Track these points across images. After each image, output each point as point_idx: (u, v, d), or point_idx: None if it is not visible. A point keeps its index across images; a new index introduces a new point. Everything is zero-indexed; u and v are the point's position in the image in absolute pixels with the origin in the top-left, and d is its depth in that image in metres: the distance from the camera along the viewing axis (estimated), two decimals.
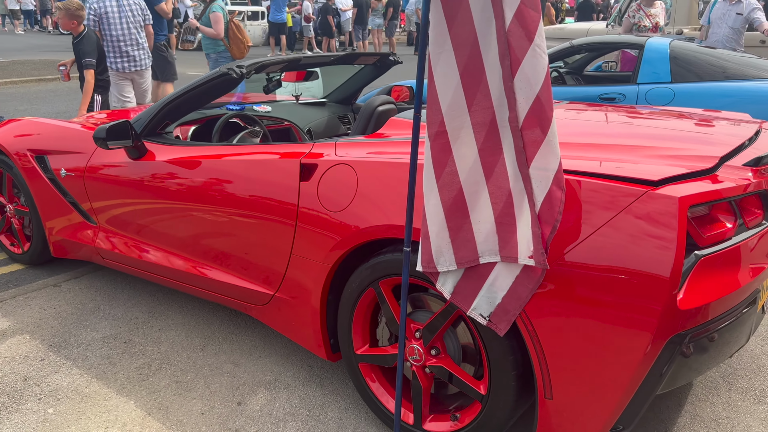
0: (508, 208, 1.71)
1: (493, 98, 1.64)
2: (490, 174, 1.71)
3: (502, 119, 1.65)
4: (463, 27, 1.60)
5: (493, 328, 1.84)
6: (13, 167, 3.52)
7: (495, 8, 1.57)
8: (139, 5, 5.56)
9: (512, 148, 1.66)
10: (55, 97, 9.32)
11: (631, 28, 6.63)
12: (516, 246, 1.73)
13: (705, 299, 1.76)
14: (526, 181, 1.66)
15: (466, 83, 1.64)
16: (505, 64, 1.60)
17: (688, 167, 1.87)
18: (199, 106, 2.99)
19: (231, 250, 2.65)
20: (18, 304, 3.30)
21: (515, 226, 1.72)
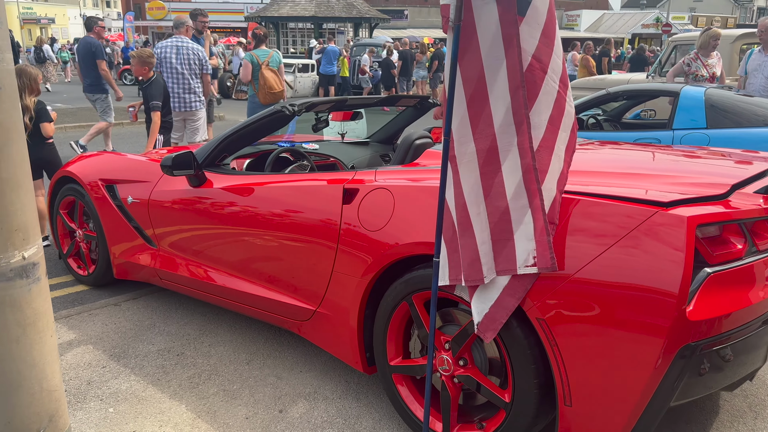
0: (505, 224, 1.92)
1: (495, 126, 1.87)
2: (488, 195, 1.93)
3: (506, 144, 1.87)
4: (471, 62, 1.84)
5: (480, 335, 2.03)
6: (85, 195, 3.89)
7: (508, 48, 1.80)
8: (197, 56, 6.15)
9: (519, 169, 1.87)
10: (119, 139, 9.97)
11: (681, 73, 6.74)
12: (513, 258, 1.92)
13: (715, 312, 1.89)
14: (536, 196, 1.87)
15: (471, 113, 1.88)
16: (519, 95, 1.82)
17: (699, 192, 2.02)
18: (254, 140, 3.29)
19: (278, 268, 2.88)
20: (83, 320, 3.60)
21: (512, 240, 1.92)
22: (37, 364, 1.65)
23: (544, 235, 1.90)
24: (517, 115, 1.84)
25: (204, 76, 6.28)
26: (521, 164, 1.88)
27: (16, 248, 1.56)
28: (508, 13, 1.81)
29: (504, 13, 1.81)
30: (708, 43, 6.55)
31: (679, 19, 41.21)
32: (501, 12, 1.81)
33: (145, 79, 5.49)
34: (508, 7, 1.81)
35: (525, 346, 2.06)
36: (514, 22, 1.81)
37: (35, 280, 1.63)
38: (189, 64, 6.08)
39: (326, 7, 23.04)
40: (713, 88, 5.21)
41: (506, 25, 1.82)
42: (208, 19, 7.18)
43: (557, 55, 1.87)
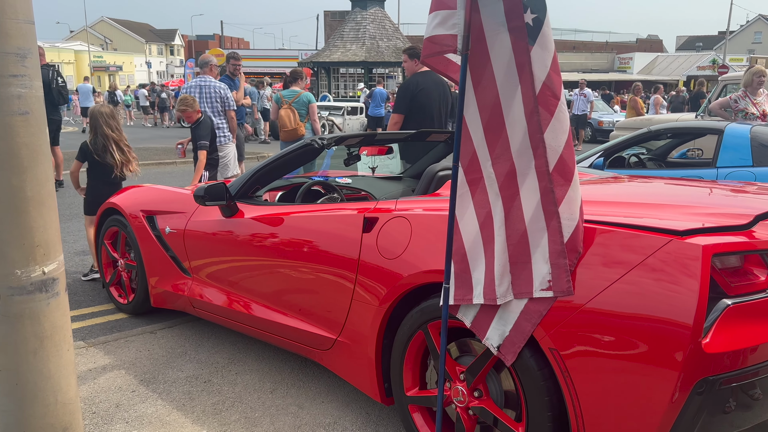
0: (523, 247, 1.93)
1: (513, 150, 1.90)
2: (508, 218, 1.95)
3: (524, 167, 1.90)
4: (486, 89, 1.90)
5: (501, 357, 2.03)
6: (127, 226, 4.06)
7: (522, 75, 1.84)
8: (219, 94, 6.42)
9: (536, 191, 1.89)
10: (170, 177, 10.38)
11: (727, 107, 6.60)
12: (530, 282, 1.93)
13: (735, 345, 1.81)
14: (553, 219, 1.88)
15: (489, 138, 1.93)
16: (534, 120, 1.86)
17: (720, 222, 1.97)
18: (285, 172, 3.39)
19: (302, 297, 2.93)
20: (119, 346, 3.71)
21: (530, 263, 1.93)
22: (53, 376, 1.72)
23: (561, 258, 1.90)
24: (533, 139, 1.88)
25: (228, 113, 6.51)
26: (539, 187, 1.91)
27: (36, 263, 1.66)
28: (520, 41, 1.87)
29: (516, 42, 1.87)
30: (752, 81, 6.40)
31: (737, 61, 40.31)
32: (513, 40, 1.87)
33: (192, 122, 5.77)
34: (520, 36, 1.86)
35: (539, 377, 2.02)
36: (525, 49, 1.86)
37: (54, 295, 1.71)
38: (211, 102, 6.35)
39: (376, 52, 23.63)
40: (759, 126, 5.07)
41: (519, 53, 1.88)
42: (241, 63, 7.48)
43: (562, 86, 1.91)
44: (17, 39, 1.55)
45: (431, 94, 5.32)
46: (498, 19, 1.85)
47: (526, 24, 1.82)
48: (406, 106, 5.25)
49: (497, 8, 1.85)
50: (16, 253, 1.62)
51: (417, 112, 5.27)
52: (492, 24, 1.87)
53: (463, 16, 1.85)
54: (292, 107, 7.13)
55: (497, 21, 1.86)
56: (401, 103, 5.29)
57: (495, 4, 1.84)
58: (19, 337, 1.66)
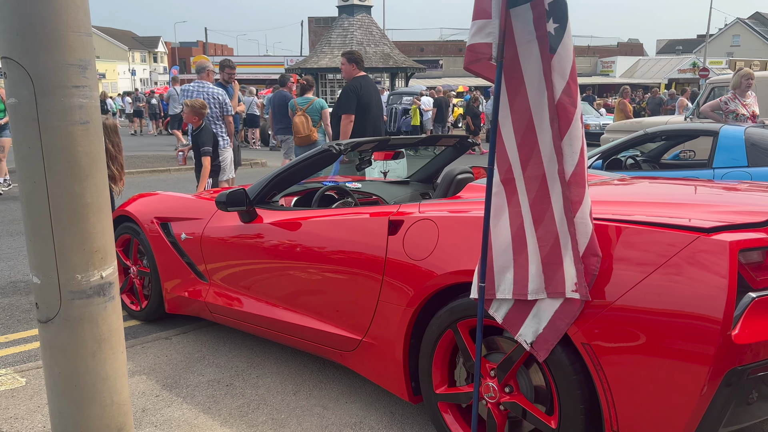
0: (556, 249, 2.03)
1: (543, 155, 2.01)
2: (541, 220, 2.04)
3: (552, 172, 2.01)
4: (520, 96, 2.00)
5: (534, 353, 2.12)
6: (140, 233, 4.09)
7: (546, 82, 1.95)
8: (217, 100, 6.52)
9: (560, 197, 1.99)
10: (165, 184, 10.37)
11: (718, 109, 6.77)
12: (563, 282, 2.03)
13: (761, 336, 1.90)
14: (571, 226, 1.99)
15: (521, 144, 2.03)
16: (555, 126, 1.97)
17: (740, 220, 2.06)
18: (303, 177, 3.45)
19: (324, 300, 2.98)
20: (135, 352, 3.74)
21: (561, 264, 2.02)
22: (110, 377, 1.77)
23: (578, 263, 2.01)
24: (555, 146, 1.98)
25: (226, 118, 6.63)
26: (562, 192, 2.01)
27: (95, 268, 1.71)
28: (545, 50, 1.96)
29: (543, 50, 1.97)
30: (741, 83, 6.58)
31: (716, 64, 41.03)
32: (541, 49, 1.96)
33: (195, 127, 5.80)
34: (545, 45, 1.96)
35: (571, 371, 2.10)
36: (548, 57, 1.96)
37: (110, 299, 1.76)
38: (210, 107, 6.44)
39: (364, 58, 23.75)
40: (752, 127, 5.22)
41: (545, 61, 1.97)
42: (235, 70, 7.65)
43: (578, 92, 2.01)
44: (79, 51, 1.60)
45: (372, 95, 6.04)
46: (528, 27, 1.95)
47: (549, 33, 1.91)
48: (354, 107, 5.81)
49: (528, 17, 1.94)
50: (77, 258, 1.67)
51: (361, 112, 5.90)
52: (523, 32, 1.96)
53: (498, 25, 1.93)
54: (306, 114, 7.45)
55: (528, 29, 1.95)
56: (350, 104, 5.84)
57: (525, 13, 1.93)
58: (79, 340, 1.70)
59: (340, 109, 5.98)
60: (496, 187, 2.11)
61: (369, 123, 6.00)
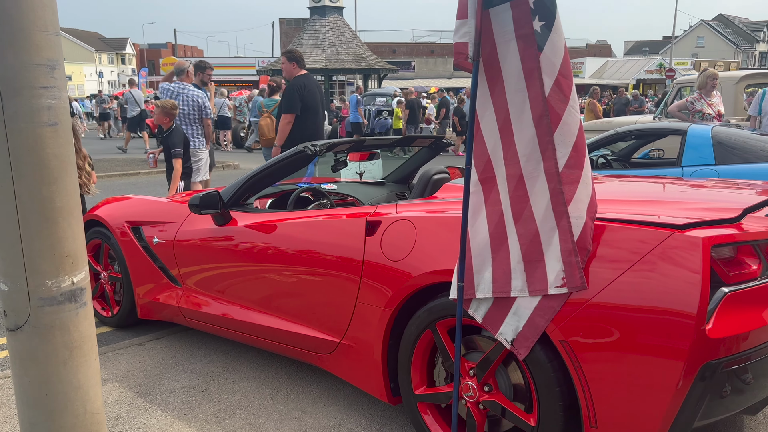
0: (536, 246, 2.03)
1: (520, 154, 2.01)
2: (519, 218, 2.04)
3: (531, 171, 2.01)
4: (500, 94, 2.01)
5: (514, 351, 2.12)
6: (111, 238, 4.00)
7: (529, 80, 1.94)
8: (197, 102, 6.48)
9: (546, 193, 1.99)
10: (135, 188, 10.19)
11: (684, 109, 6.90)
12: (545, 279, 2.03)
13: (734, 331, 1.94)
14: (563, 218, 1.97)
15: (503, 140, 2.03)
16: (544, 123, 1.96)
17: (712, 216, 2.10)
18: (278, 179, 3.42)
19: (301, 302, 2.96)
20: (108, 359, 3.66)
21: (543, 262, 2.03)
22: (82, 386, 1.72)
23: (572, 256, 2.00)
24: (542, 142, 1.98)
25: (204, 120, 6.60)
26: (548, 188, 2.00)
27: (66, 273, 1.66)
28: (529, 48, 1.95)
29: (524, 48, 1.96)
30: (706, 83, 6.73)
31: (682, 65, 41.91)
32: (521, 47, 1.96)
33: (166, 128, 5.71)
34: (529, 43, 1.95)
35: (549, 369, 2.11)
36: (534, 56, 1.95)
37: (82, 305, 1.72)
38: (188, 109, 6.44)
39: (336, 59, 23.68)
40: (719, 126, 5.33)
41: (527, 60, 1.96)
42: (212, 71, 7.60)
43: (574, 88, 2.00)
44: (47, 51, 1.55)
45: (315, 94, 6.01)
46: (507, 27, 1.95)
47: (535, 31, 1.91)
48: (297, 106, 5.78)
49: (506, 17, 1.94)
50: (47, 263, 1.62)
51: (305, 111, 5.89)
52: (501, 32, 1.96)
53: (474, 25, 1.93)
54: (272, 116, 7.37)
55: (507, 29, 1.95)
56: (293, 103, 5.79)
57: (504, 13, 1.94)
58: (50, 347, 1.65)
59: (282, 107, 5.90)
60: (473, 187, 2.11)
61: (313, 123, 5.98)
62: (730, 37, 65.45)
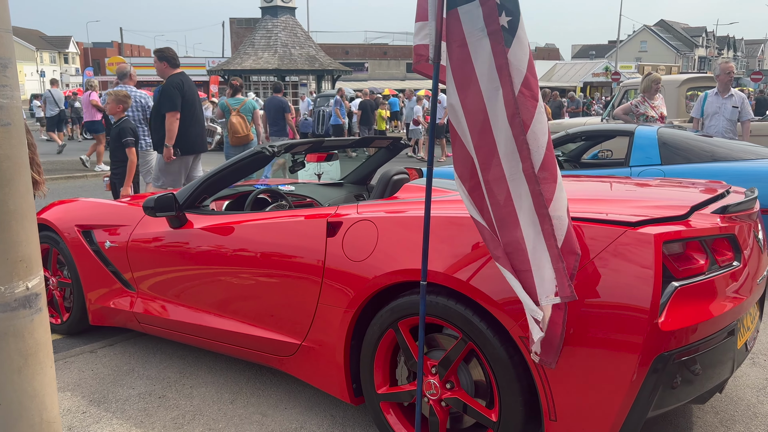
0: (522, 255, 1.93)
1: (500, 154, 1.91)
2: (503, 226, 1.95)
3: (512, 172, 1.91)
4: (472, 95, 1.92)
5: (543, 363, 2.01)
6: (60, 242, 3.87)
7: (502, 78, 1.89)
8: (139, 103, 6.63)
9: (528, 196, 1.90)
10: (82, 191, 9.88)
11: (629, 111, 7.12)
12: (534, 290, 1.92)
13: (684, 323, 2.02)
14: (545, 222, 1.89)
15: (478, 145, 1.94)
16: (516, 122, 1.89)
17: (661, 214, 2.18)
18: (235, 180, 3.37)
19: (261, 305, 2.93)
20: (58, 368, 3.54)
21: (531, 272, 1.92)
22: (38, 394, 1.67)
23: (558, 262, 1.90)
24: (518, 141, 1.89)
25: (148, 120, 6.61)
26: (529, 190, 1.91)
27: (20, 278, 1.60)
28: (498, 44, 1.89)
29: (495, 45, 1.89)
30: (651, 87, 6.98)
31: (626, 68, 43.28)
32: (492, 44, 1.89)
33: (117, 119, 5.58)
34: (498, 39, 1.89)
35: (509, 365, 2.15)
36: (503, 52, 1.89)
37: (37, 311, 1.66)
38: (133, 110, 6.54)
39: (289, 60, 23.49)
40: (664, 128, 5.54)
41: (498, 56, 1.89)
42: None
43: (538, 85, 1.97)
44: None
45: (193, 91, 6.04)
46: (478, 24, 1.89)
47: (502, 27, 1.86)
48: (179, 104, 5.77)
49: (476, 14, 1.88)
50: (0, 269, 1.56)
51: (187, 109, 5.89)
52: (473, 30, 1.90)
53: (434, 26, 1.95)
54: (241, 113, 7.69)
55: (477, 27, 1.89)
56: (175, 101, 5.76)
57: (474, 10, 1.88)
58: (3, 355, 1.59)
59: (164, 107, 5.80)
60: (464, 198, 2.01)
61: (195, 120, 6.00)
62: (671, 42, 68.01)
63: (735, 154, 5.16)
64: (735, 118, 6.89)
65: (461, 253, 2.27)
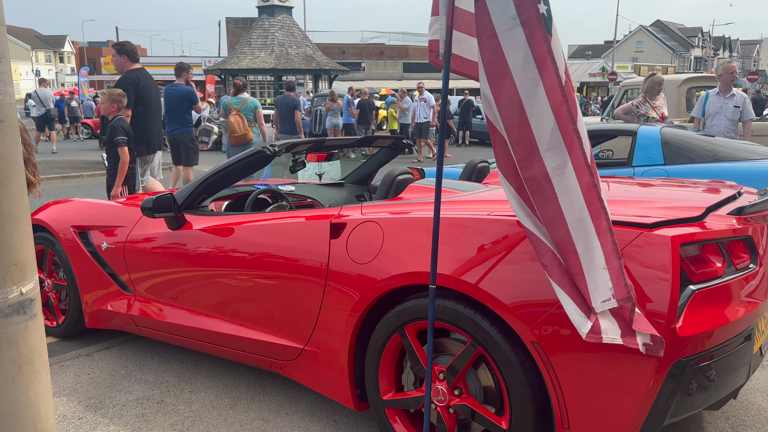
0: (574, 257, 1.79)
1: (541, 149, 1.76)
2: (551, 226, 1.80)
3: (557, 166, 1.77)
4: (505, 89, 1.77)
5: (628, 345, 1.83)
6: (55, 243, 3.79)
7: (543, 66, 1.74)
8: None
9: (578, 190, 1.76)
10: (78, 191, 9.78)
11: (630, 111, 7.07)
12: (587, 294, 1.78)
13: (702, 328, 1.96)
14: (601, 217, 1.76)
15: (516, 142, 1.78)
16: (564, 112, 1.75)
17: (677, 215, 2.12)
18: (235, 180, 3.30)
19: (263, 308, 2.86)
20: (54, 372, 3.46)
21: (583, 274, 1.78)
22: (33, 404, 1.59)
23: (615, 260, 1.77)
24: (566, 132, 1.75)
25: None
26: (579, 183, 1.77)
27: (14, 283, 1.53)
28: (536, 32, 1.76)
29: (531, 33, 1.76)
30: (653, 88, 6.94)
31: (622, 68, 43.34)
32: (527, 33, 1.76)
33: (110, 118, 5.47)
34: (535, 27, 1.75)
35: (521, 370, 2.09)
36: (545, 40, 1.75)
37: (32, 317, 1.59)
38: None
39: (286, 59, 23.42)
40: (667, 127, 5.48)
41: (536, 45, 1.75)
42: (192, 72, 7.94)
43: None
44: None
45: (152, 88, 5.91)
46: (509, 13, 1.76)
47: (542, 14, 1.74)
48: (132, 102, 5.61)
49: (506, 3, 1.76)
50: None
51: (142, 106, 5.77)
52: (503, 19, 1.77)
53: (445, 21, 1.88)
54: (241, 113, 7.69)
55: (508, 15, 1.76)
56: (128, 99, 5.58)
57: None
58: None
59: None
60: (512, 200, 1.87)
61: (149, 119, 5.88)
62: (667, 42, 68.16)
63: (738, 153, 5.11)
64: (737, 118, 6.85)
65: (471, 256, 2.20)
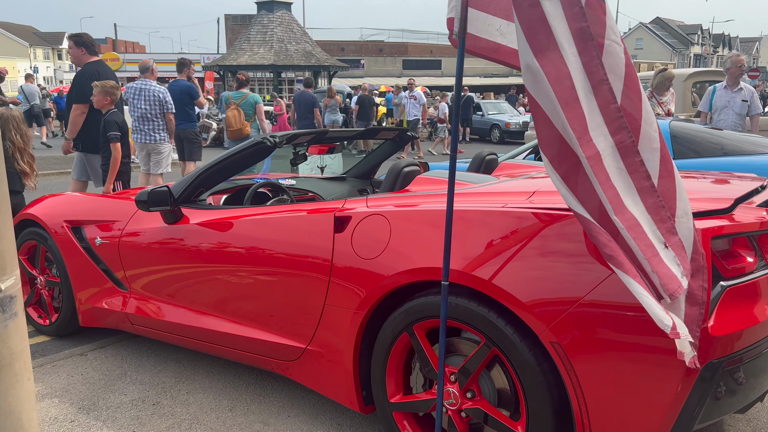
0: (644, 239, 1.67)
1: (590, 129, 1.65)
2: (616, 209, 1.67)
3: (604, 146, 1.67)
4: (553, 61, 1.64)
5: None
6: (48, 239, 3.66)
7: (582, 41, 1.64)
8: (158, 98, 6.58)
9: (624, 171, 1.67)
10: (62, 189, 9.63)
11: None
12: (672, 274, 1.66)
13: (733, 328, 1.83)
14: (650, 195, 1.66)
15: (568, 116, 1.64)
16: (604, 90, 1.65)
17: (705, 207, 1.99)
18: (234, 173, 3.17)
19: (264, 306, 2.73)
20: (46, 372, 3.33)
21: (659, 255, 1.66)
22: (13, 411, 1.46)
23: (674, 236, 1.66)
24: (606, 111, 1.65)
25: (167, 115, 6.70)
26: (624, 165, 1.67)
27: None
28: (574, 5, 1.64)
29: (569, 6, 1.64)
30: (663, 84, 6.84)
31: None
32: (565, 4, 1.64)
33: (104, 111, 5.30)
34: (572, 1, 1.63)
35: (539, 372, 1.96)
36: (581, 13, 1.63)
37: (12, 315, 1.46)
38: (151, 104, 6.59)
39: (285, 56, 23.25)
40: (676, 121, 5.36)
41: (573, 19, 1.64)
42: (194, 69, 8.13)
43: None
44: None
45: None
46: None
47: None
48: (89, 96, 5.37)
49: None
50: None
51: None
52: None
53: None
54: (239, 108, 7.76)
55: None
56: (85, 92, 5.40)
57: None
58: None
59: (73, 98, 5.53)
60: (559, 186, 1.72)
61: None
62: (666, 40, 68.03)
63: (748, 147, 4.99)
64: (744, 112, 6.75)
65: (484, 250, 2.07)
